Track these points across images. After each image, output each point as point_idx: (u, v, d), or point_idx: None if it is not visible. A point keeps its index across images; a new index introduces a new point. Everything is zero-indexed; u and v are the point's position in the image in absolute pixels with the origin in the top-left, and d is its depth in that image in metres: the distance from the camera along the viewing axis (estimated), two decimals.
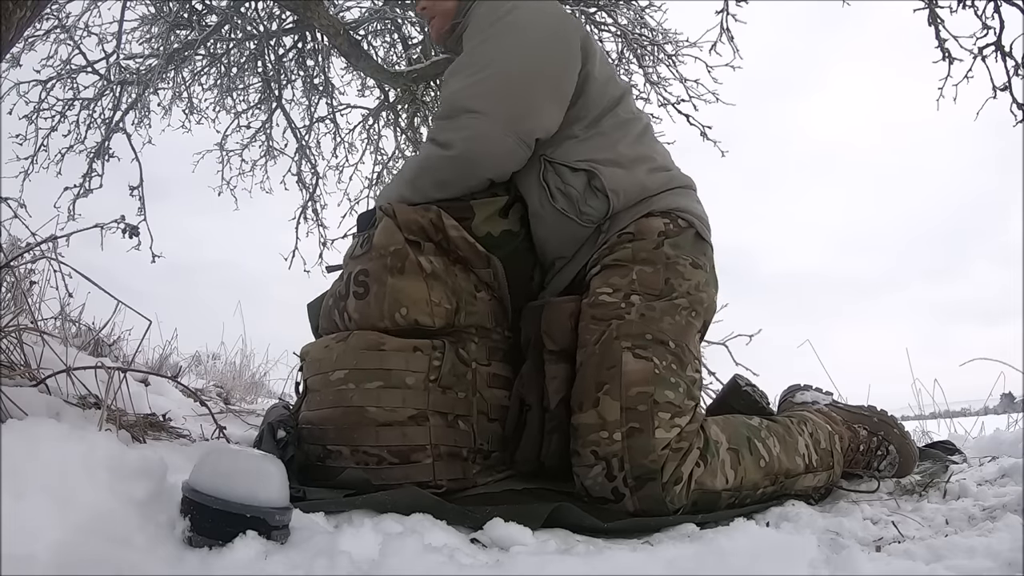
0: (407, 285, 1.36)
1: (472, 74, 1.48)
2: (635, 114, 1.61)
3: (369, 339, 1.34)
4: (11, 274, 2.05)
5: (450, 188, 1.48)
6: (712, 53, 3.14)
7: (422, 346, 1.33)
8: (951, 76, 2.48)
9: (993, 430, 2.24)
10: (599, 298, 1.40)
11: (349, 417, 1.30)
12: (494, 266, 1.45)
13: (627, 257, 1.44)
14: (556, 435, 1.37)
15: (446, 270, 1.40)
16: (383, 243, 1.39)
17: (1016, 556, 0.88)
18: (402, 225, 1.39)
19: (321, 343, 1.41)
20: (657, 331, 1.36)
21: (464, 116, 1.45)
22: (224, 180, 4.45)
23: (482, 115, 1.44)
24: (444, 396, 1.32)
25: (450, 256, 1.42)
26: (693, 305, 1.43)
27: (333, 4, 3.94)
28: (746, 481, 1.35)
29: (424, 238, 1.41)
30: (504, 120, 1.44)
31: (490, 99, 1.45)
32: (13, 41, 1.28)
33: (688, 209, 1.51)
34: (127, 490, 0.84)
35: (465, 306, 1.40)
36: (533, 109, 1.47)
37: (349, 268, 1.43)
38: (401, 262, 1.37)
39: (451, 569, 0.86)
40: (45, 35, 3.70)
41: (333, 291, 1.47)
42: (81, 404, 1.51)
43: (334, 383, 1.33)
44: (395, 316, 1.35)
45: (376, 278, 1.37)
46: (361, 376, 1.31)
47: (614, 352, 1.34)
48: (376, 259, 1.38)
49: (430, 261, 1.39)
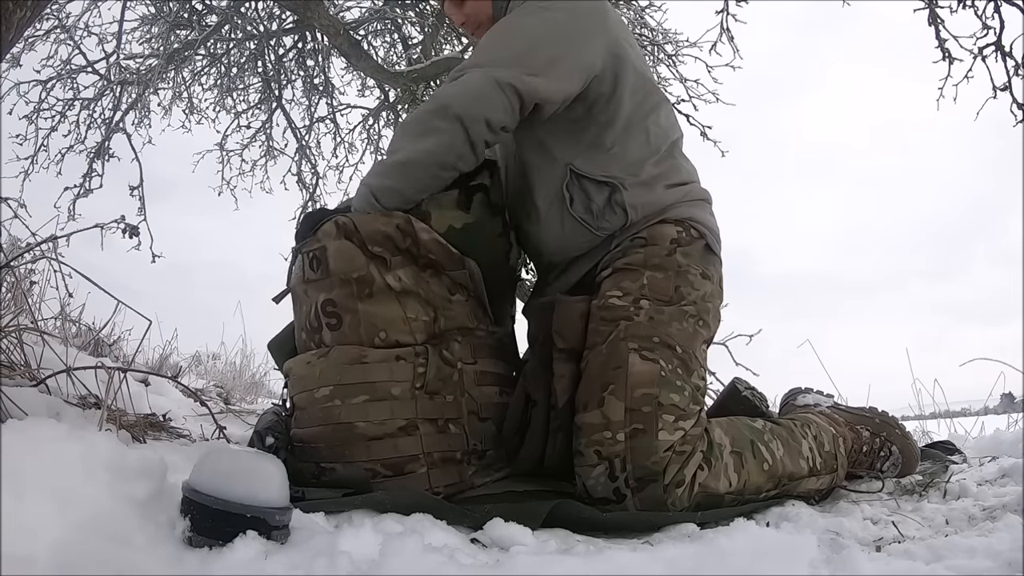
0: (380, 308, 1.33)
1: (483, 44, 1.47)
2: (667, 128, 1.55)
3: (350, 353, 1.32)
4: (11, 274, 2.05)
5: (436, 165, 1.39)
6: (712, 53, 3.15)
7: (405, 354, 1.31)
8: (951, 76, 2.48)
9: (993, 430, 2.23)
10: (609, 300, 1.41)
11: (339, 434, 1.29)
12: (469, 267, 1.41)
13: (639, 262, 1.44)
14: (561, 434, 1.37)
15: (416, 281, 1.36)
16: (343, 268, 1.33)
17: (1016, 556, 0.88)
18: (366, 238, 1.34)
19: (303, 359, 1.39)
20: (665, 335, 1.36)
21: (459, 72, 1.42)
22: (224, 180, 4.46)
23: (477, 66, 1.39)
24: (432, 402, 1.31)
25: (420, 263, 1.37)
26: (701, 314, 1.43)
27: (333, 4, 3.94)
28: (749, 484, 1.35)
29: (391, 249, 1.35)
30: (501, 64, 1.37)
31: (489, 52, 1.42)
32: (13, 41, 1.28)
33: (701, 220, 1.51)
34: (127, 490, 0.84)
35: (442, 313, 1.37)
36: (540, 61, 1.39)
37: (311, 296, 1.38)
38: (368, 287, 1.33)
39: (451, 569, 0.86)
40: (45, 35, 3.71)
41: (302, 323, 1.42)
42: (81, 404, 1.51)
43: (319, 400, 1.31)
44: (375, 340, 1.33)
45: (345, 307, 1.33)
46: (346, 391, 1.29)
47: (621, 353, 1.34)
48: (339, 286, 1.34)
49: (398, 278, 1.34)
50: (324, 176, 4.54)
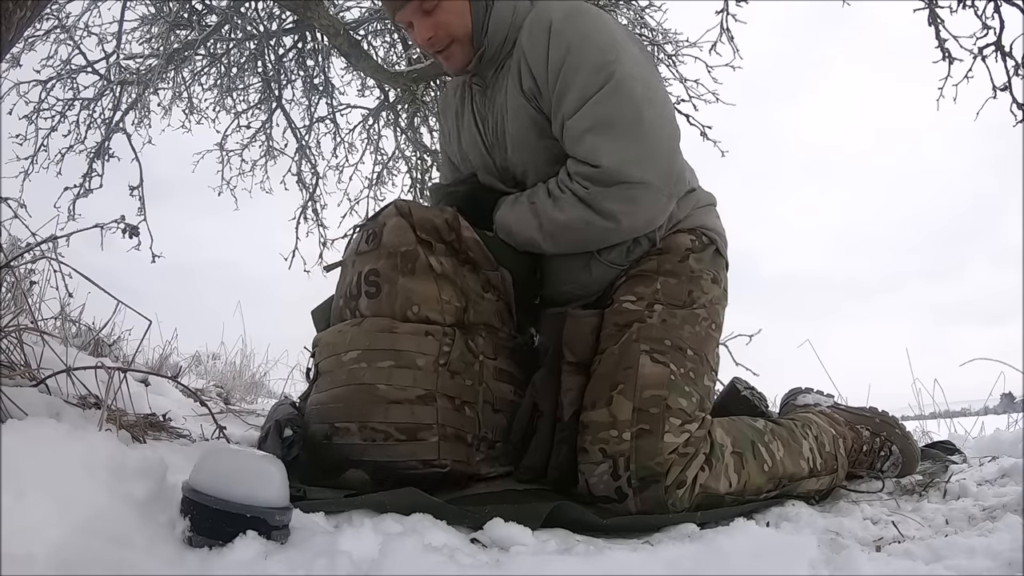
0: (418, 285, 1.38)
1: (619, 136, 1.35)
2: None
3: (382, 323, 1.36)
4: (11, 274, 2.05)
5: (591, 247, 1.46)
6: (712, 53, 3.15)
7: (433, 331, 1.35)
8: (951, 76, 2.49)
9: (993, 430, 2.23)
10: (623, 305, 1.42)
11: (360, 394, 1.32)
12: (503, 271, 1.47)
13: (652, 268, 1.46)
14: (565, 446, 1.38)
15: (455, 271, 1.42)
16: (394, 242, 1.40)
17: (1016, 556, 0.88)
18: (416, 224, 1.41)
19: (334, 329, 1.43)
20: (677, 338, 1.38)
21: (626, 187, 1.35)
22: (224, 180, 4.47)
23: (646, 185, 1.36)
24: (452, 380, 1.34)
25: (459, 257, 1.43)
26: (712, 318, 1.45)
27: (333, 4, 3.94)
28: (750, 485, 1.35)
29: (436, 238, 1.41)
30: (664, 184, 1.38)
31: (650, 166, 1.35)
32: (13, 41, 1.28)
33: (712, 226, 1.53)
34: (127, 490, 0.84)
35: (473, 305, 1.42)
36: (679, 164, 1.44)
37: (357, 267, 1.44)
38: (412, 263, 1.39)
39: (451, 569, 0.86)
40: (45, 35, 3.71)
41: (342, 291, 1.48)
42: (81, 404, 1.51)
43: (347, 363, 1.35)
44: (407, 313, 1.37)
45: (387, 278, 1.39)
46: (373, 356, 1.33)
47: (632, 353, 1.35)
48: (386, 258, 1.40)
49: (440, 262, 1.40)
50: (324, 176, 4.55)
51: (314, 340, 1.50)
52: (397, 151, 4.53)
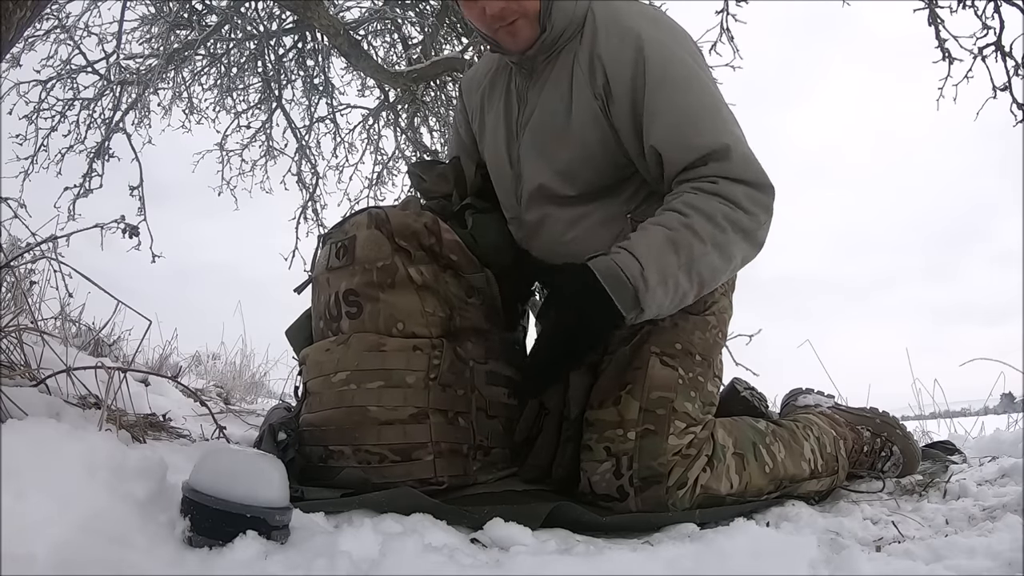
0: (400, 299, 1.35)
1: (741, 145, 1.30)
2: None
3: (370, 340, 1.34)
4: (11, 274, 2.05)
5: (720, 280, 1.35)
6: (712, 53, 3.14)
7: (421, 345, 1.33)
8: (951, 76, 2.48)
9: (993, 430, 2.23)
10: None
11: (351, 417, 1.30)
12: (487, 276, 1.43)
13: None
14: (571, 445, 1.38)
15: (436, 279, 1.38)
16: (369, 256, 1.36)
17: (1016, 556, 0.88)
18: (395, 231, 1.36)
19: (321, 346, 1.40)
20: (687, 342, 1.38)
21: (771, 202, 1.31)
22: (224, 180, 4.46)
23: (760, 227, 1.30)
24: (444, 394, 1.33)
25: (440, 263, 1.39)
26: (720, 326, 1.46)
27: (333, 4, 3.94)
28: (751, 486, 1.35)
29: (415, 245, 1.37)
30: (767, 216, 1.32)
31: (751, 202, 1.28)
32: (13, 41, 1.28)
33: None
34: (127, 490, 0.84)
35: (458, 313, 1.39)
36: None
37: (332, 285, 1.39)
38: (391, 277, 1.35)
39: (451, 569, 0.86)
40: (45, 35, 3.71)
41: (320, 312, 1.43)
42: (81, 404, 1.51)
43: (336, 384, 1.33)
44: (392, 330, 1.35)
45: (367, 296, 1.36)
46: (363, 376, 1.31)
47: (643, 355, 1.35)
48: (361, 274, 1.36)
49: (420, 272, 1.37)
50: (324, 176, 4.54)
51: (301, 356, 1.47)
52: (397, 151, 4.53)
